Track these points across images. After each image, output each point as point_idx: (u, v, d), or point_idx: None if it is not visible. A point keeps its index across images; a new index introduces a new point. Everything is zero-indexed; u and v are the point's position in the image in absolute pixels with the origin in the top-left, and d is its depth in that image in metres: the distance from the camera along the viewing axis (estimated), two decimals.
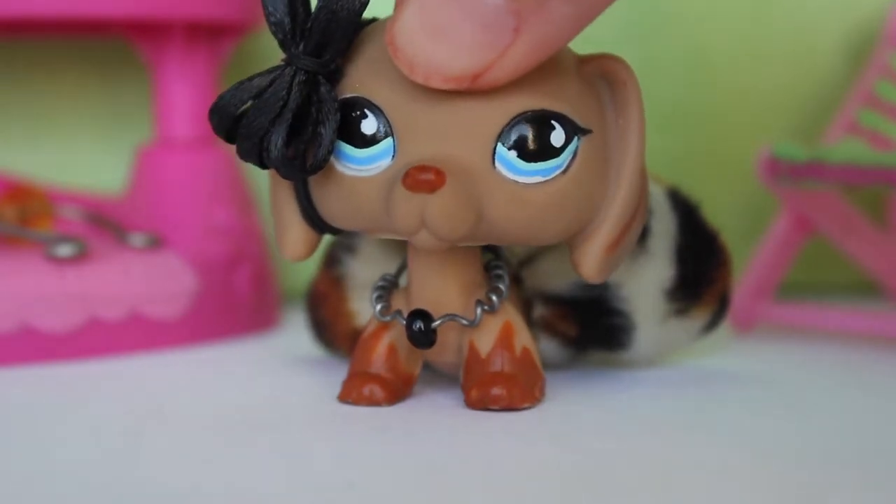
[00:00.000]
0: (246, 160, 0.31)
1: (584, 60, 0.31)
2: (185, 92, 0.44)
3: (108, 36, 0.47)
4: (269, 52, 0.50)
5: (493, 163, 0.30)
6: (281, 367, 0.38)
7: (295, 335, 0.43)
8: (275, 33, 0.30)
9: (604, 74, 0.31)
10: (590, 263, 0.31)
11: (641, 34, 0.31)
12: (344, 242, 0.36)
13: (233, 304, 0.43)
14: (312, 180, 0.31)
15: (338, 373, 0.36)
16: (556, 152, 0.30)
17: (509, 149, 0.30)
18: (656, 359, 0.37)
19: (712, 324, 0.36)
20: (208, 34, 0.44)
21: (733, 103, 0.53)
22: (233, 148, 0.45)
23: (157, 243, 0.42)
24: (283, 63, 0.30)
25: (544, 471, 0.27)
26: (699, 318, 0.36)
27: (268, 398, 0.34)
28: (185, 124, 0.44)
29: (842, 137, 0.47)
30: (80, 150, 0.51)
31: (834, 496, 0.25)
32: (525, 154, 0.30)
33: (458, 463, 0.27)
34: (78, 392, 0.34)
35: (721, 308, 0.36)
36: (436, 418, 0.31)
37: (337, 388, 0.33)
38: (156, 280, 0.41)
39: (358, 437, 0.30)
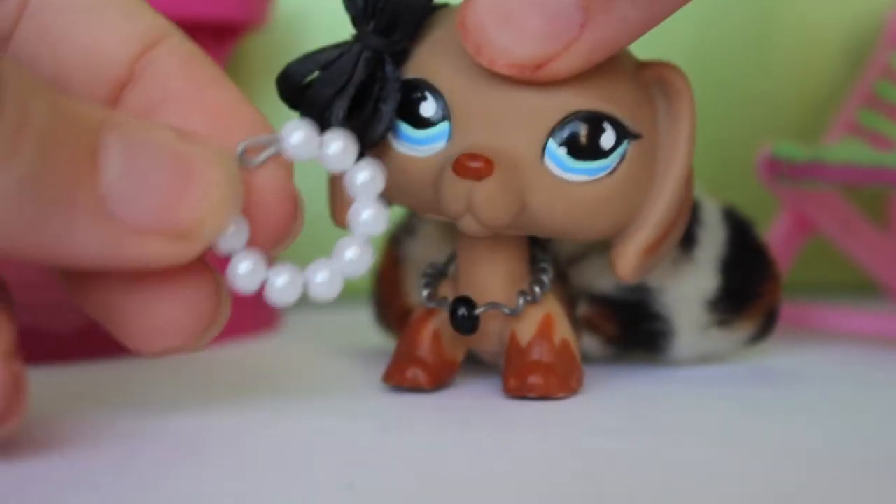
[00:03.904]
0: None
1: (643, 66, 0.32)
2: None
3: None
4: (270, 52, 0.50)
5: (543, 157, 0.30)
6: (281, 368, 0.38)
7: (295, 335, 0.43)
8: (347, 8, 0.31)
9: (661, 82, 0.31)
10: (626, 264, 0.32)
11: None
12: (406, 224, 0.38)
13: (233, 305, 0.43)
14: (368, 154, 0.32)
15: (337, 373, 0.36)
16: (604, 154, 0.31)
17: (560, 145, 0.30)
18: (698, 363, 0.37)
19: (758, 336, 0.37)
20: (208, 34, 0.44)
21: (733, 103, 0.53)
22: None
23: None
24: (352, 39, 0.31)
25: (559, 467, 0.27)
26: (743, 330, 0.37)
27: (267, 398, 0.34)
28: None
29: (842, 137, 0.47)
30: None
31: (834, 496, 0.25)
32: (574, 152, 0.30)
33: (487, 451, 0.28)
34: (78, 392, 0.34)
35: (768, 322, 0.37)
36: (473, 405, 0.32)
37: (336, 389, 0.34)
38: None
39: (358, 437, 0.30)
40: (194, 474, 0.26)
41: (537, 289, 0.33)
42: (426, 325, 0.33)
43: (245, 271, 0.28)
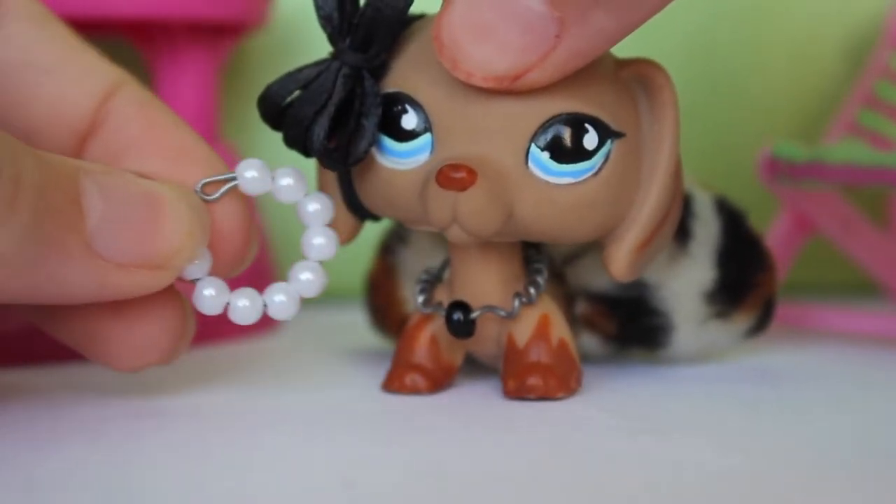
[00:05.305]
0: (291, 148, 0.32)
1: (622, 64, 0.31)
2: (185, 92, 0.44)
3: (108, 36, 0.47)
4: (269, 52, 0.50)
5: (527, 163, 0.30)
6: (281, 368, 0.38)
7: (295, 335, 0.43)
8: (323, 27, 0.31)
9: (641, 79, 0.31)
10: (619, 263, 0.32)
11: (640, 34, 0.31)
12: (397, 232, 0.38)
13: None
14: (354, 169, 0.32)
15: (337, 373, 0.36)
16: (588, 155, 0.30)
17: (542, 150, 0.30)
18: (698, 359, 0.37)
19: (757, 328, 0.37)
20: (208, 34, 0.44)
21: (733, 104, 0.53)
22: (232, 148, 0.45)
23: None
24: (330, 57, 0.31)
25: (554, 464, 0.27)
26: (742, 321, 0.37)
27: (267, 398, 0.34)
28: None
29: (842, 137, 0.47)
30: None
31: (833, 495, 0.25)
32: (557, 155, 0.30)
33: (488, 451, 0.28)
34: (78, 392, 0.34)
35: (766, 313, 0.37)
36: (473, 406, 0.32)
37: (336, 389, 0.34)
38: None
39: (357, 437, 0.30)
40: (193, 474, 0.26)
41: (532, 290, 0.33)
42: (423, 331, 0.34)
43: (209, 296, 0.31)
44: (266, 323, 0.45)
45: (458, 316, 0.32)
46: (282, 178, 0.31)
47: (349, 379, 0.36)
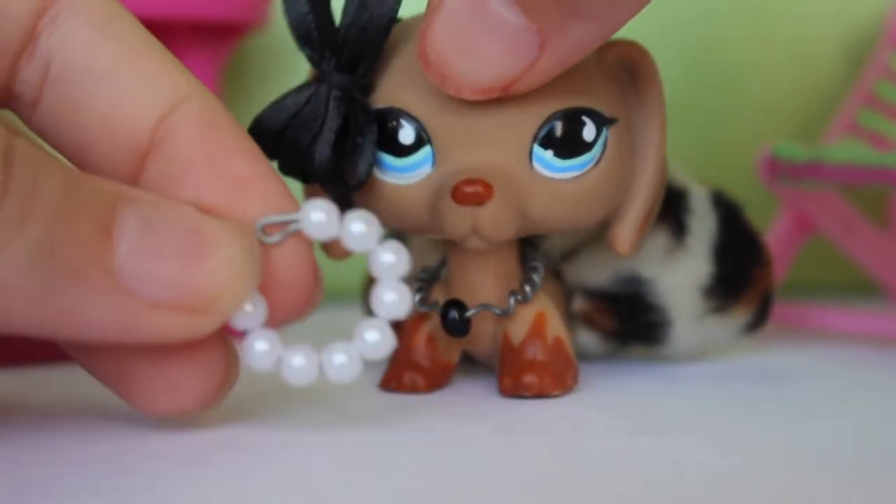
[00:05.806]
0: (287, 175, 0.31)
1: (604, 48, 0.32)
2: None
3: None
4: (270, 52, 0.50)
5: (531, 163, 0.31)
6: None
7: (295, 335, 0.43)
8: (301, 47, 0.31)
9: (623, 60, 0.32)
10: (625, 241, 0.32)
11: (640, 34, 0.31)
12: (393, 233, 0.38)
13: None
14: (359, 192, 0.32)
15: None
16: (588, 147, 0.31)
17: (545, 149, 0.31)
18: (697, 355, 0.37)
19: (755, 323, 0.37)
20: (209, 34, 0.44)
21: (733, 103, 0.53)
22: None
23: None
24: (314, 80, 0.31)
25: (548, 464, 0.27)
26: (740, 316, 0.37)
27: (265, 398, 0.34)
28: None
29: (842, 137, 0.47)
30: None
31: (833, 496, 0.25)
32: (560, 152, 0.31)
33: (484, 450, 0.28)
34: (79, 392, 0.34)
35: (763, 308, 0.37)
36: (469, 405, 0.32)
37: (334, 389, 0.33)
38: None
39: (356, 437, 0.30)
40: (193, 475, 0.26)
41: (528, 288, 0.33)
42: (420, 330, 0.34)
43: (261, 351, 0.28)
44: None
45: (453, 314, 0.32)
46: (352, 222, 0.27)
47: None
